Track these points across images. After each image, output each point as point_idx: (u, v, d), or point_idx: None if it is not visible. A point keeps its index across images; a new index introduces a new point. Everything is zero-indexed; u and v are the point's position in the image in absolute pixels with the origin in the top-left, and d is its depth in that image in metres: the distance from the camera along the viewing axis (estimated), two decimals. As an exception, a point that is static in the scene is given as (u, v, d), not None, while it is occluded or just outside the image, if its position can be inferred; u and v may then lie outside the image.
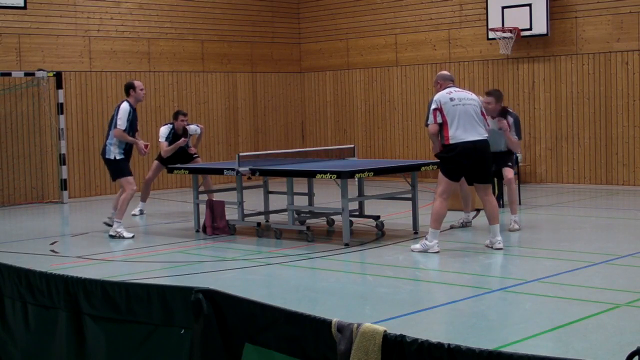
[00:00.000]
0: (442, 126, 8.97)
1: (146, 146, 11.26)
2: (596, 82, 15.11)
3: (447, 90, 9.18)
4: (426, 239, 9.09)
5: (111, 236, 10.86)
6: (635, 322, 6.26)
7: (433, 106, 9.06)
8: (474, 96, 9.30)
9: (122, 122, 10.98)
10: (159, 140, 13.07)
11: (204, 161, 16.85)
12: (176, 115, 13.09)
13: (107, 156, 11.06)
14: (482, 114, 9.24)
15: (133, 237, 10.83)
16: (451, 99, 9.03)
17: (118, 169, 11.09)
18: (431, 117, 9.04)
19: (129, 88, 11.24)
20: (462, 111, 8.98)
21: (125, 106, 11.10)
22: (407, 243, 9.88)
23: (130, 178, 11.07)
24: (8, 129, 15.02)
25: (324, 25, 18.92)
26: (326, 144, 18.44)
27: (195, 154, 13.23)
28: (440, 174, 9.18)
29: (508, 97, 16.19)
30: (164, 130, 13.08)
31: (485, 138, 9.11)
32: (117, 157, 10.99)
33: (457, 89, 9.30)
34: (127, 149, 11.15)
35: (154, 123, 16.83)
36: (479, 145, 9.02)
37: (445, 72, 9.65)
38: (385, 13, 17.85)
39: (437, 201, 9.05)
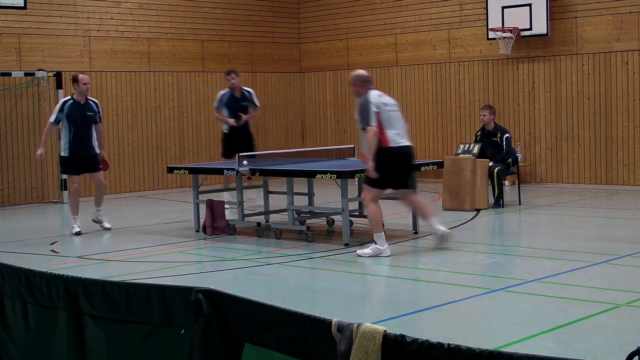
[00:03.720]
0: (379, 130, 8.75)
1: (40, 155, 11.00)
2: (596, 82, 15.11)
3: (377, 93, 8.96)
4: (376, 244, 8.90)
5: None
6: (635, 322, 6.26)
7: (374, 109, 8.71)
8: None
9: (53, 114, 11.09)
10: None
11: (204, 161, 16.88)
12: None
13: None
14: None
15: (79, 232, 11.03)
16: (384, 104, 8.85)
17: (62, 167, 11.28)
18: (374, 119, 8.69)
19: (73, 81, 11.22)
20: (396, 117, 8.91)
21: (63, 99, 11.23)
22: (407, 243, 9.89)
23: (70, 177, 11.23)
24: (8, 129, 15.02)
25: (324, 25, 18.92)
26: (326, 144, 18.43)
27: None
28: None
29: (508, 97, 16.20)
30: (218, 96, 12.98)
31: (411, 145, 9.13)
32: (62, 154, 11.12)
33: (381, 93, 9.10)
34: (73, 146, 10.98)
35: (154, 123, 16.84)
36: (411, 151, 9.11)
37: (364, 73, 9.17)
38: (385, 13, 17.85)
39: (371, 206, 8.88)
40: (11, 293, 4.17)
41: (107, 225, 11.41)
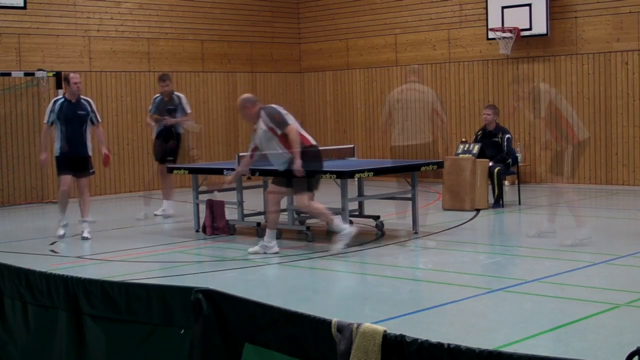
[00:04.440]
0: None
1: (45, 160, 10.76)
2: (596, 82, 15.10)
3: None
4: (343, 232, 9.09)
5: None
6: (635, 322, 6.26)
7: (284, 112, 9.25)
8: None
9: (46, 115, 10.86)
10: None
11: (205, 161, 16.86)
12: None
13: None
14: None
15: (62, 235, 10.82)
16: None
17: (56, 167, 11.02)
18: (289, 118, 9.18)
19: (64, 81, 11.06)
20: None
21: (54, 99, 11.06)
22: (407, 243, 9.90)
23: (60, 178, 10.86)
24: (8, 129, 15.01)
25: (324, 25, 18.92)
26: (326, 144, 18.41)
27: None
28: (301, 178, 9.12)
29: (508, 97, 16.19)
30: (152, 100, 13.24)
31: None
32: (56, 154, 10.87)
33: None
34: (64, 145, 10.72)
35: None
36: None
37: (251, 95, 9.93)
38: (385, 13, 17.85)
39: (313, 207, 9.24)
40: (11, 293, 4.17)
41: (86, 235, 10.72)
